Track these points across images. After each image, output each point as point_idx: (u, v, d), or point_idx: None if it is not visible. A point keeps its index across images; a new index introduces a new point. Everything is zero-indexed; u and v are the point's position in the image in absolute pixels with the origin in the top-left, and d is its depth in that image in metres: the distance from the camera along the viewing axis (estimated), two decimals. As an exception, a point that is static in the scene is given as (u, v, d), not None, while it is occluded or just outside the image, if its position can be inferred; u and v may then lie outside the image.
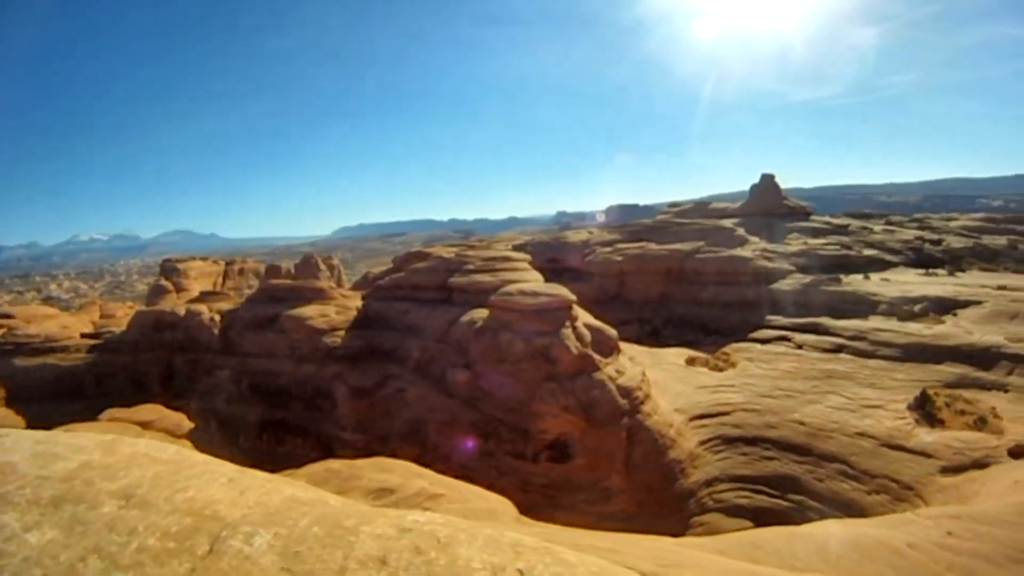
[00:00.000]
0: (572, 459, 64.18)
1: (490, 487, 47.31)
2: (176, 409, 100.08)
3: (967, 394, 69.73)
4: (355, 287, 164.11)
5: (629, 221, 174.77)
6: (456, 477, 47.58)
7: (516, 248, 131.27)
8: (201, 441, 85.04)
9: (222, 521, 8.72)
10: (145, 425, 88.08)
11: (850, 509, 57.15)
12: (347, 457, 51.40)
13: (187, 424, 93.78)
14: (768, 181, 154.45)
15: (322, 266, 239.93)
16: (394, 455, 57.73)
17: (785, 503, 63.22)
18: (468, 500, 39.65)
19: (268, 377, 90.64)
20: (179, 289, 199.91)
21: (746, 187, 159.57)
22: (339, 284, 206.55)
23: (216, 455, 13.23)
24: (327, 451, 76.43)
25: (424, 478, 42.19)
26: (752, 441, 69.70)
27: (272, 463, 67.20)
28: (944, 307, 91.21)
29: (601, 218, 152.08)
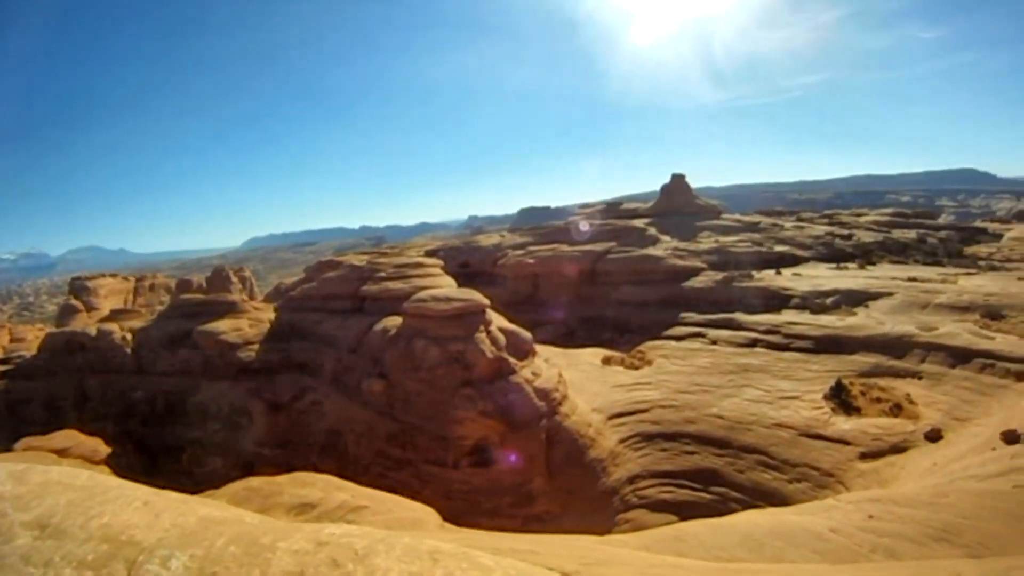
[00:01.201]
0: (493, 464, 64.04)
1: (413, 497, 46.98)
2: (92, 434, 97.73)
3: (882, 382, 71.01)
4: (267, 299, 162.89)
5: (541, 223, 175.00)
6: (377, 488, 47.23)
7: (428, 254, 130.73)
8: (119, 466, 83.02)
9: (138, 546, 8.48)
10: (61, 453, 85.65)
11: (772, 498, 57.79)
12: (267, 474, 50.72)
13: (104, 449, 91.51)
14: (679, 181, 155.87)
15: (234, 279, 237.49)
16: (315, 469, 57.11)
17: (708, 496, 63.65)
18: (391, 511, 39.34)
19: (183, 396, 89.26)
20: (89, 308, 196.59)
21: (657, 187, 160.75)
22: (251, 297, 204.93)
23: (135, 480, 12.95)
24: (248, 469, 75.22)
25: (345, 491, 41.78)
26: (671, 437, 70.10)
27: (193, 485, 66.01)
28: (856, 299, 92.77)
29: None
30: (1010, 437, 50.59)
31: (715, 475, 65.38)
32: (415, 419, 67.38)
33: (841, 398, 68.80)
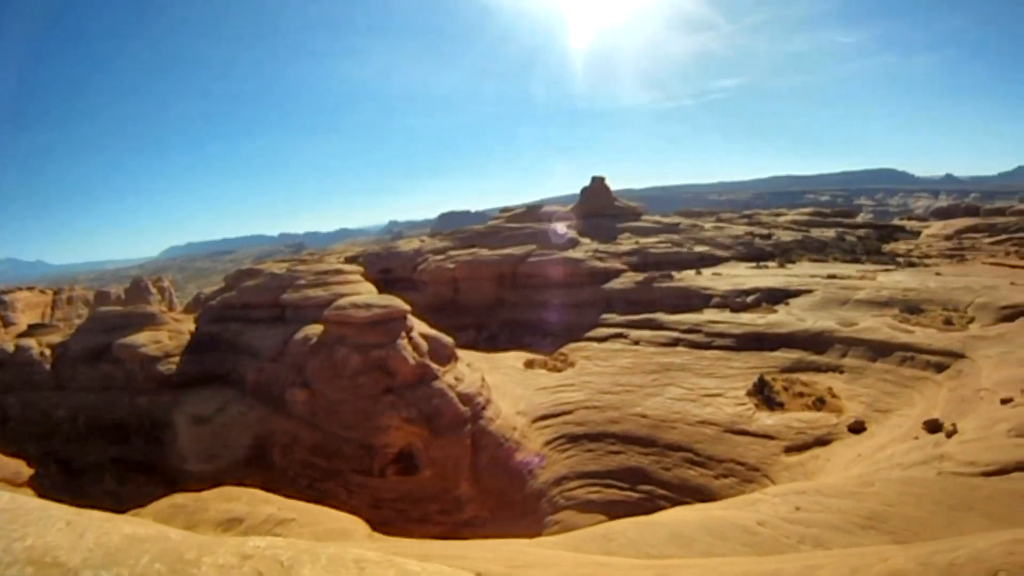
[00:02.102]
0: (419, 471, 63.53)
1: (340, 507, 46.41)
2: (14, 455, 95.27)
3: (804, 377, 71.87)
4: (187, 309, 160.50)
5: (461, 227, 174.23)
6: (305, 500, 46.58)
7: (348, 260, 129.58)
8: (43, 487, 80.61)
9: (63, 567, 8.08)
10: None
11: (700, 494, 58.11)
12: (193, 490, 49.82)
13: (26, 471, 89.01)
14: (599, 183, 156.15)
15: (152, 289, 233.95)
16: (241, 483, 56.11)
17: (635, 494, 63.93)
18: (319, 522, 38.81)
19: (105, 412, 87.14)
20: (6, 323, 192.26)
21: (577, 190, 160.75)
22: (171, 307, 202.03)
23: (59, 501, 12.50)
24: (173, 486, 73.66)
25: (272, 504, 41.14)
26: (596, 437, 70.31)
27: (118, 504, 64.41)
28: (776, 297, 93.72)
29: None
30: (932, 426, 51.15)
31: (642, 473, 65.67)
32: (340, 428, 66.59)
33: (764, 394, 69.48)
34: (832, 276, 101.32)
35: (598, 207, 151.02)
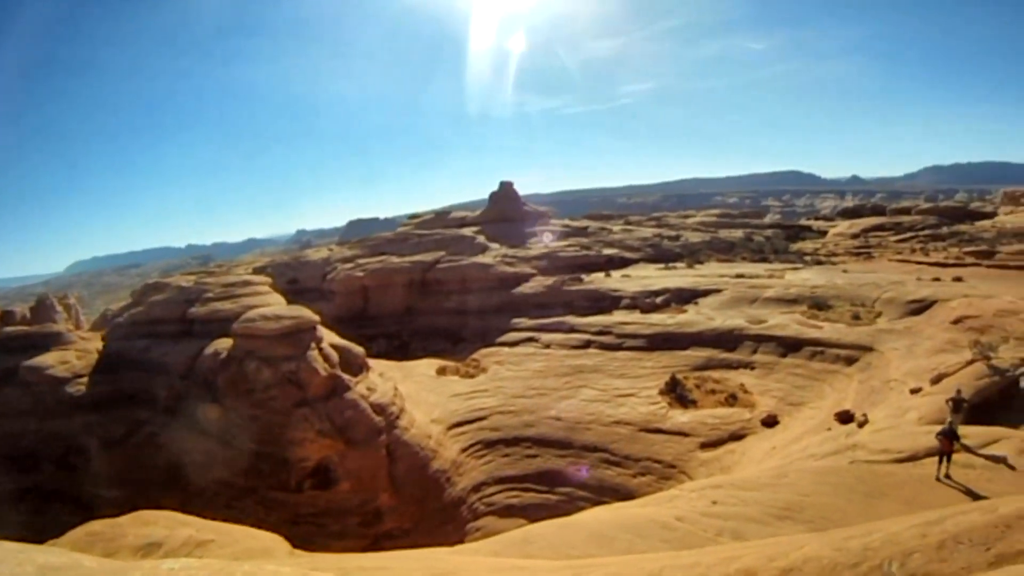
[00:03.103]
0: (336, 484, 62.80)
1: (259, 525, 45.69)
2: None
3: (715, 374, 72.64)
4: (95, 327, 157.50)
5: (369, 235, 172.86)
6: (224, 519, 45.77)
7: (256, 271, 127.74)
8: (-44, 522, 78.88)
9: None
10: None
11: (618, 493, 58.28)
12: (110, 516, 48.68)
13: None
14: (507, 188, 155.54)
15: (58, 307, 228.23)
16: (158, 506, 54.90)
17: (554, 497, 64.03)
18: (238, 541, 38.18)
19: (14, 439, 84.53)
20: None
21: (486, 195, 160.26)
22: (78, 326, 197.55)
23: None
24: (90, 513, 71.67)
25: (190, 526, 40.38)
26: (512, 442, 70.29)
27: (35, 535, 62.79)
28: (685, 297, 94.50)
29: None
30: (843, 417, 51.95)
31: (559, 476, 65.88)
32: (254, 444, 65.34)
33: (677, 392, 70.03)
34: (740, 275, 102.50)
35: (506, 211, 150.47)
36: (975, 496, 28.72)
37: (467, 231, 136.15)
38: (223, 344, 72.92)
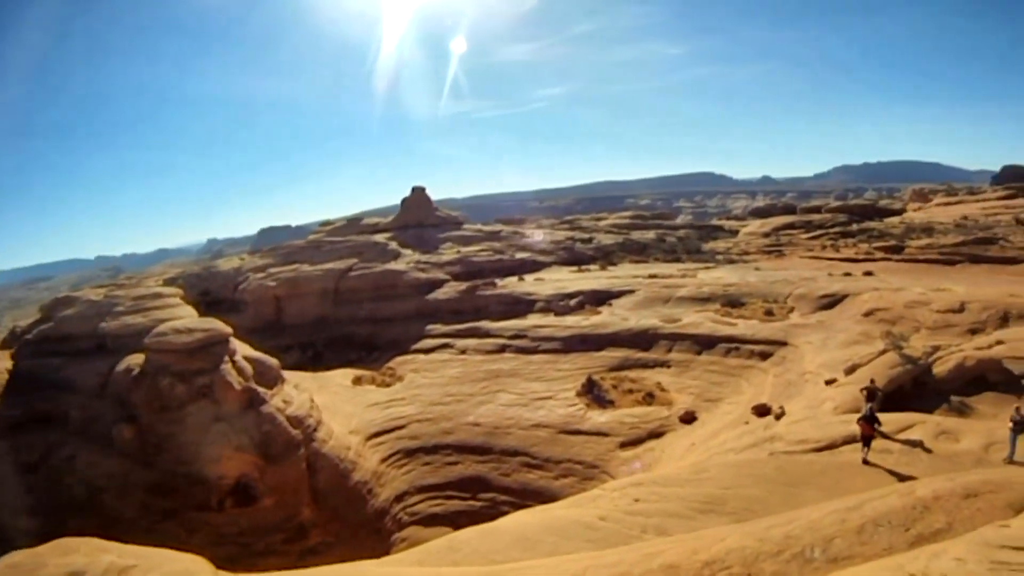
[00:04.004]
0: (258, 501, 61.89)
1: (182, 547, 44.79)
2: None
3: (632, 374, 73.17)
4: (3, 345, 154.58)
5: (281, 243, 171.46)
6: (146, 543, 44.88)
7: (167, 283, 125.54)
8: None
9: None
10: None
11: (541, 496, 58.20)
12: (28, 546, 47.41)
13: None
14: (419, 194, 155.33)
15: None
16: (79, 533, 53.53)
17: (478, 503, 63.92)
18: (161, 565, 37.36)
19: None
20: None
21: (398, 200, 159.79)
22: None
23: None
24: (7, 545, 69.52)
25: (111, 552, 39.43)
26: (432, 450, 70.02)
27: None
28: (599, 299, 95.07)
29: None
30: (761, 410, 52.71)
31: (481, 482, 65.73)
32: (172, 463, 63.71)
33: (594, 393, 70.31)
34: (654, 276, 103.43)
35: (419, 217, 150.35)
36: (895, 480, 29.25)
37: (379, 237, 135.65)
38: (136, 360, 71.06)
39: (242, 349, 70.14)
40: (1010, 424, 33.02)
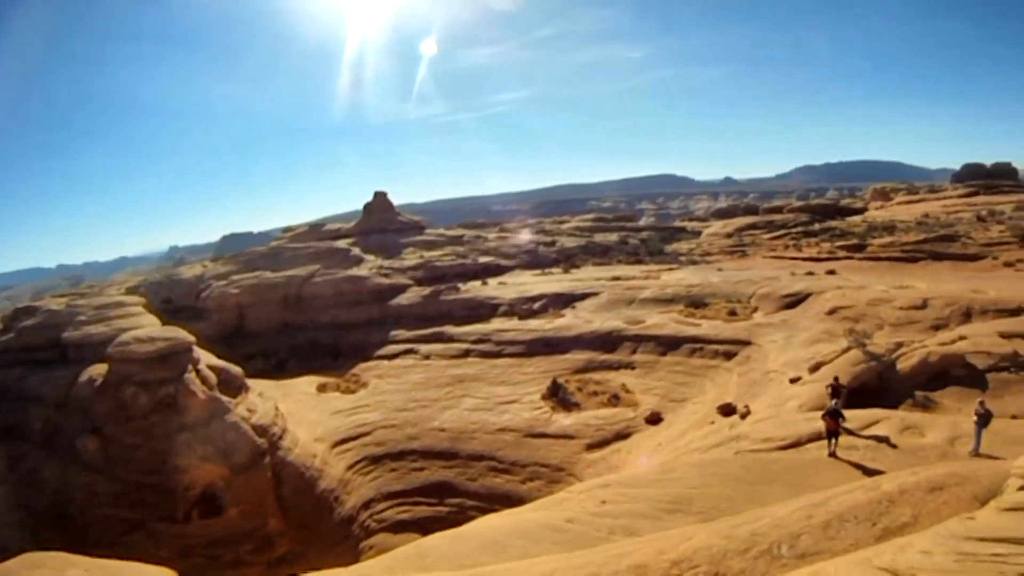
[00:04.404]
0: (224, 511, 61.29)
1: (150, 560, 44.38)
2: None
3: (596, 376, 73.40)
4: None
5: (243, 250, 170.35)
6: (113, 556, 44.43)
7: (129, 291, 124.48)
8: None
9: None
10: None
11: (509, 500, 58.14)
12: (-3, 561, 46.93)
13: None
14: (381, 199, 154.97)
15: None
16: (45, 547, 52.91)
17: (445, 508, 63.78)
18: (128, 578, 37.24)
19: None
20: None
21: (360, 206, 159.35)
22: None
23: None
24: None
25: (78, 566, 39.12)
26: (398, 456, 69.80)
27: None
28: (563, 302, 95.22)
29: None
30: (726, 410, 53.01)
31: (448, 487, 65.61)
32: (137, 475, 62.73)
33: (559, 396, 70.39)
34: (617, 278, 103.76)
35: (381, 222, 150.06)
36: (861, 475, 29.43)
37: (342, 243, 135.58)
38: (99, 370, 70.24)
39: (205, 358, 69.58)
40: (974, 418, 33.45)
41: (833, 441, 33.48)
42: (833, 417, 33.21)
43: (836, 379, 41.33)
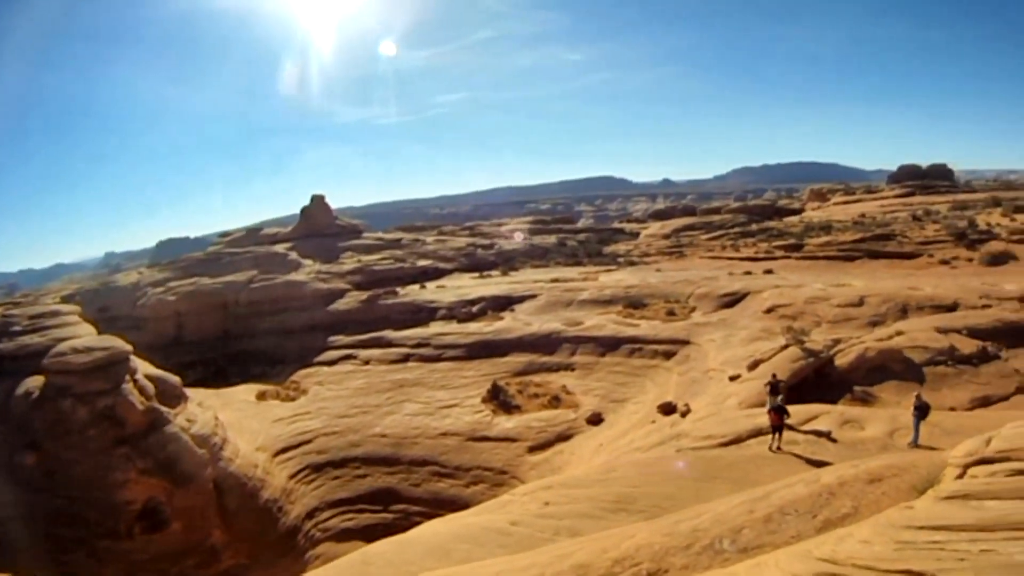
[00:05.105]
0: (167, 525, 60.42)
1: (94, 578, 43.80)
2: None
3: (537, 378, 73.72)
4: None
5: (180, 255, 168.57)
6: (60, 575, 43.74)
7: (65, 299, 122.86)
8: None
9: None
10: None
11: (453, 505, 57.92)
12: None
13: None
14: (319, 202, 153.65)
15: None
16: (-11, 572, 52.05)
17: (390, 515, 63.58)
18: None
19: None
20: None
21: (297, 210, 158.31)
22: None
23: None
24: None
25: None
26: (340, 463, 69.43)
27: None
28: (501, 304, 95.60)
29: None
30: (666, 409, 53.46)
31: (391, 493, 65.47)
32: (77, 491, 61.30)
33: (500, 399, 70.58)
34: (555, 280, 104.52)
35: (319, 226, 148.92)
36: (802, 469, 29.76)
37: (280, 248, 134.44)
38: (35, 382, 69.11)
39: (143, 367, 68.44)
40: (913, 410, 33.98)
41: (777, 436, 34.04)
42: (778, 413, 33.76)
43: (775, 376, 41.69)
